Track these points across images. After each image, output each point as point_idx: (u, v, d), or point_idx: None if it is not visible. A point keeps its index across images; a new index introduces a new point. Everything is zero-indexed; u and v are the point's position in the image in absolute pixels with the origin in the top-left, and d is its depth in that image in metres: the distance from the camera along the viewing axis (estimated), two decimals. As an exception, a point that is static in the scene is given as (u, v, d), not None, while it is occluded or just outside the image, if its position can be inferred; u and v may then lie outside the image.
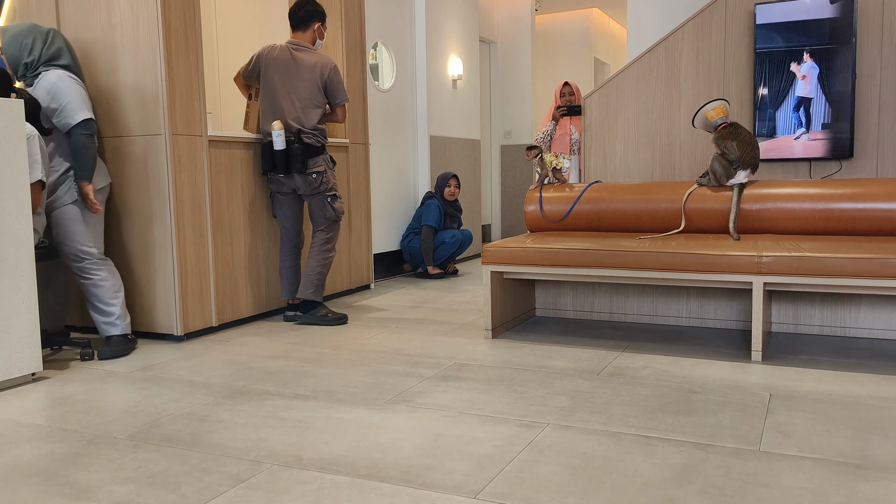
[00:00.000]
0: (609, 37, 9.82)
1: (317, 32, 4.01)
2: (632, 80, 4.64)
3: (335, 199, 4.02)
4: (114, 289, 3.42)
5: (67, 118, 3.24)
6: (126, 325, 3.43)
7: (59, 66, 3.30)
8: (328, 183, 3.97)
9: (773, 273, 2.98)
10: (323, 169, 3.94)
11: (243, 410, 2.55)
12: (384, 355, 3.29)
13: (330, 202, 3.99)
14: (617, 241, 3.37)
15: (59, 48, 3.32)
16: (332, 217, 4.01)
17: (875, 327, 3.39)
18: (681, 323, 3.78)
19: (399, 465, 2.04)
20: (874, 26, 4.03)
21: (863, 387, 2.67)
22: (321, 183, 3.95)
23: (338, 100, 4.00)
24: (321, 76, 3.93)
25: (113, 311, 3.40)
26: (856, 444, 2.12)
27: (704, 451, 2.09)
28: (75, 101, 3.24)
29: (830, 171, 4.17)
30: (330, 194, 3.99)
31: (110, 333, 3.40)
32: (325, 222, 4.03)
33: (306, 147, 3.89)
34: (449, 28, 6.60)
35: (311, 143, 3.90)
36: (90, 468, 2.08)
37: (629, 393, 2.65)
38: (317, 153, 3.93)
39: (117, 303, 3.41)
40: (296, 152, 3.85)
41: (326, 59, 3.97)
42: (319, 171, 3.93)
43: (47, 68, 3.28)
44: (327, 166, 3.98)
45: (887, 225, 3.28)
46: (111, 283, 3.41)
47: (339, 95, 4.00)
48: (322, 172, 3.94)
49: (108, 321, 3.40)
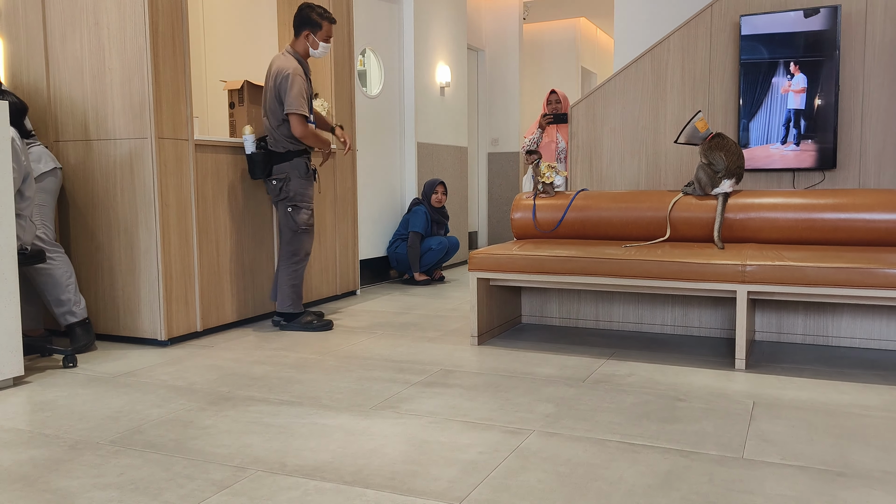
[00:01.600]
0: (596, 46, 9.88)
1: (308, 41, 3.89)
2: (618, 90, 4.67)
3: (297, 209, 3.89)
4: (67, 275, 3.46)
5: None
6: (81, 309, 3.49)
7: None
8: (290, 192, 3.87)
9: (757, 282, 3.01)
10: (285, 176, 3.86)
11: (227, 416, 2.53)
12: (370, 361, 3.28)
13: (291, 212, 3.89)
14: (603, 249, 3.39)
15: None
16: (294, 228, 3.91)
17: (857, 336, 3.42)
18: (666, 331, 3.80)
19: (384, 471, 2.03)
20: (857, 39, 4.08)
21: (845, 395, 2.69)
22: (281, 190, 3.89)
23: (284, 109, 3.80)
24: (275, 83, 3.82)
25: (69, 299, 3.45)
26: (837, 452, 2.13)
27: (688, 458, 2.10)
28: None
29: (814, 182, 4.21)
30: (291, 204, 3.89)
31: (70, 322, 3.46)
32: (288, 233, 3.94)
33: (268, 153, 3.88)
34: (437, 35, 6.62)
35: (274, 150, 3.88)
36: (72, 474, 2.05)
37: (614, 400, 2.66)
38: (281, 160, 3.87)
39: (71, 289, 3.46)
40: (255, 158, 3.87)
41: (285, 64, 3.81)
42: (281, 178, 3.86)
43: None
44: (294, 175, 3.87)
45: (869, 235, 3.32)
46: (64, 270, 3.45)
47: (286, 104, 3.77)
48: (284, 180, 3.86)
49: (64, 310, 3.45)
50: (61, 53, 3.69)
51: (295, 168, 3.88)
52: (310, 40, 3.90)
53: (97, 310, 3.74)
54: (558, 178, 3.96)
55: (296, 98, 3.76)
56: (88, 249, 3.73)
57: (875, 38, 4.05)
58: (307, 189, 3.92)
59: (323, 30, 3.90)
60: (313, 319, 3.97)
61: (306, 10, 3.88)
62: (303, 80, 3.81)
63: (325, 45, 3.93)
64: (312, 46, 3.91)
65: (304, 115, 3.78)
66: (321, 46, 3.92)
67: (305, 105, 3.79)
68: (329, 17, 3.91)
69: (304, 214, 3.92)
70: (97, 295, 3.73)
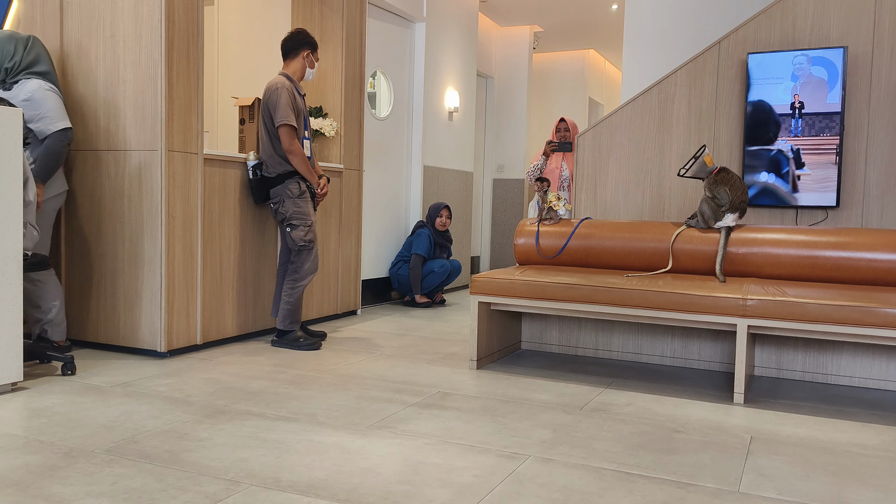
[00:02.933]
0: (604, 78, 9.97)
1: (307, 60, 4.00)
2: (625, 121, 4.71)
3: (294, 228, 3.93)
4: (52, 294, 3.46)
5: (48, 125, 3.35)
6: (59, 332, 3.50)
7: (38, 72, 3.39)
8: (286, 213, 3.93)
9: (758, 316, 3.01)
10: (280, 199, 3.93)
11: (223, 430, 2.53)
12: (368, 381, 3.28)
13: (290, 232, 3.95)
14: (605, 278, 3.39)
15: (38, 54, 3.43)
16: (293, 247, 3.97)
17: (856, 375, 3.42)
18: (665, 362, 3.79)
19: (378, 490, 2.03)
20: (864, 80, 4.12)
21: (843, 433, 2.68)
22: (277, 212, 3.97)
23: (275, 122, 3.83)
24: (267, 101, 3.88)
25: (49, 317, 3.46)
26: (834, 490, 2.12)
27: (685, 489, 2.09)
28: (55, 111, 3.37)
29: (817, 220, 4.23)
30: (288, 223, 3.94)
31: (40, 335, 3.48)
32: (289, 252, 4.05)
33: (262, 179, 3.96)
34: (447, 61, 6.69)
35: (266, 175, 3.95)
36: (65, 481, 2.05)
37: (611, 429, 2.65)
38: (274, 183, 3.93)
39: (55, 308, 3.47)
40: (251, 184, 4.00)
41: (273, 81, 3.88)
42: (276, 201, 3.95)
43: (28, 76, 3.36)
44: (287, 195, 3.91)
45: (871, 274, 3.32)
46: (50, 287, 3.45)
47: (276, 117, 3.81)
48: (279, 202, 3.94)
49: (41, 322, 3.47)
50: (76, 63, 3.74)
51: (286, 189, 3.92)
52: (309, 60, 4.02)
53: (97, 318, 3.74)
54: (563, 209, 4.00)
55: (283, 109, 3.81)
56: (92, 258, 3.75)
57: (881, 79, 4.09)
58: (302, 207, 3.95)
59: (317, 51, 4.06)
60: (301, 337, 3.97)
61: (303, 32, 4.02)
62: (290, 94, 3.86)
63: (315, 67, 4.09)
64: (310, 66, 4.03)
65: (293, 125, 3.83)
66: (315, 67, 4.09)
67: (293, 116, 3.84)
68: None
69: (301, 231, 3.94)
70: (98, 303, 3.74)
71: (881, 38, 4.08)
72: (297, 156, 3.87)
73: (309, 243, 3.97)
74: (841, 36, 4.16)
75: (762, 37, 4.33)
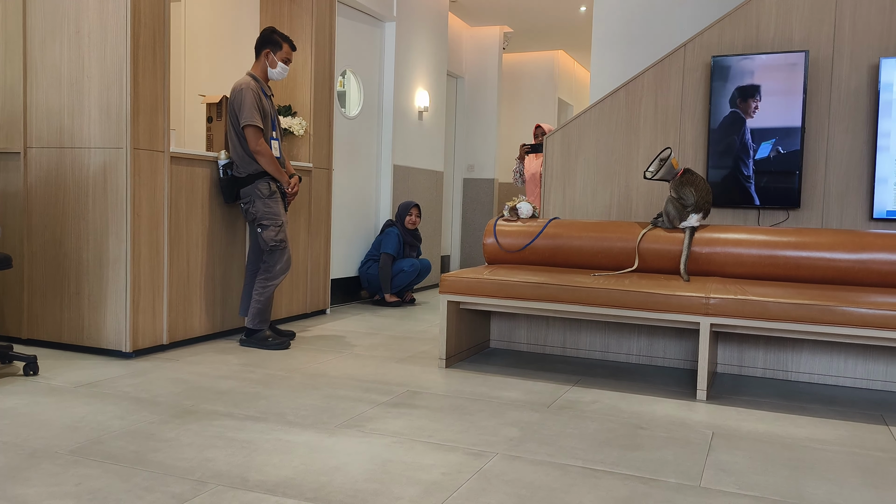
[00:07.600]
0: (573, 79, 10.06)
1: (267, 60, 3.95)
2: (593, 122, 4.76)
3: (264, 228, 3.92)
4: None
5: None
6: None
7: None
8: (256, 213, 3.91)
9: (720, 314, 3.08)
10: (250, 199, 3.91)
11: (190, 430, 2.51)
12: (337, 380, 3.28)
13: (260, 232, 3.94)
14: (572, 277, 3.44)
15: None
16: (264, 247, 3.95)
17: (815, 371, 3.50)
18: (631, 360, 3.85)
19: (346, 489, 2.04)
20: (824, 82, 4.22)
21: (801, 429, 2.75)
22: (247, 213, 3.96)
23: (239, 123, 3.83)
24: (232, 102, 3.86)
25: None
26: (792, 484, 2.18)
27: (648, 485, 2.14)
28: None
29: (778, 220, 4.32)
30: (259, 224, 3.93)
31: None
32: (260, 252, 4.04)
33: (232, 178, 3.94)
34: (418, 60, 6.70)
35: (237, 175, 3.93)
36: (29, 482, 2.02)
37: (578, 426, 2.69)
38: (245, 183, 3.91)
39: None
40: (221, 183, 3.98)
41: (238, 82, 3.87)
42: (246, 201, 3.93)
43: None
44: (256, 196, 3.90)
45: (830, 273, 3.41)
46: None
47: (241, 117, 3.80)
48: (249, 202, 3.92)
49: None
50: (40, 60, 3.68)
51: (256, 189, 3.90)
52: (269, 59, 3.96)
53: (61, 318, 3.69)
54: (525, 205, 4.05)
55: (248, 110, 3.79)
56: (56, 256, 3.69)
57: (841, 81, 4.19)
58: (272, 207, 3.93)
59: (283, 50, 3.97)
60: (270, 336, 3.96)
61: (268, 31, 3.98)
62: (255, 94, 3.83)
63: (283, 67, 3.99)
64: (271, 65, 3.97)
65: (258, 126, 3.81)
66: (279, 66, 3.98)
67: (258, 117, 3.81)
68: (290, 41, 4.01)
69: (272, 232, 3.92)
70: (62, 303, 3.69)
71: (841, 43, 4.19)
72: (264, 156, 3.85)
73: (280, 243, 3.95)
74: (802, 41, 4.26)
75: (726, 40, 4.41)
